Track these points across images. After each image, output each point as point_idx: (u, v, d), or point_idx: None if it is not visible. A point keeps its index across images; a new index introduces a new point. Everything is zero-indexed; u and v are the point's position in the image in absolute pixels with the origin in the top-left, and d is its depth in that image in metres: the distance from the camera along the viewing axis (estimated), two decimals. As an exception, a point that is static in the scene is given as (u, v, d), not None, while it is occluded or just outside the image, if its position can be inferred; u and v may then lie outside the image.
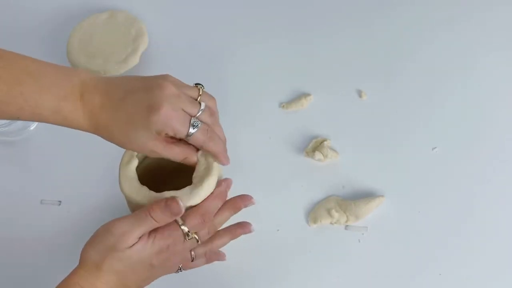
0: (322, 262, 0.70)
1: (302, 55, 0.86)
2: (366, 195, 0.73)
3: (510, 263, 0.69)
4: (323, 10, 0.91)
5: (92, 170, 0.78)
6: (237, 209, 0.63)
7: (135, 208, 0.60)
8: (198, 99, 0.59)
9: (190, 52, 0.87)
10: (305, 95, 0.81)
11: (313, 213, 0.73)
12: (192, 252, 0.61)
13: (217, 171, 0.61)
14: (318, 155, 0.75)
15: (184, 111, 0.57)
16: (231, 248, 0.71)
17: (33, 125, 0.82)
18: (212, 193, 0.59)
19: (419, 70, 0.83)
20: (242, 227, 0.65)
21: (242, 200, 0.63)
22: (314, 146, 0.77)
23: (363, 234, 0.71)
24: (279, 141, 0.78)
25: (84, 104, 0.57)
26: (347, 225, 0.72)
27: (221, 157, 0.60)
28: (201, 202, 0.58)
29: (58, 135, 0.81)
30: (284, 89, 0.83)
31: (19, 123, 0.77)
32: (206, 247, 0.63)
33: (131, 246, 0.55)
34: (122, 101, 0.56)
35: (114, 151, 0.65)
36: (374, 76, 0.83)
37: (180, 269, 0.63)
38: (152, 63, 0.86)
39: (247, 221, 0.67)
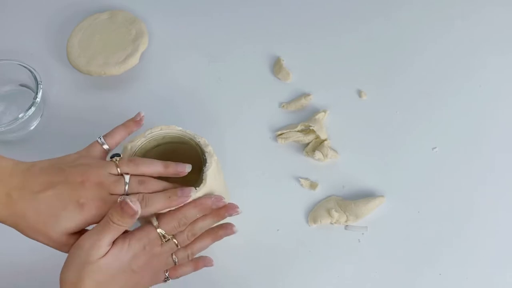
0: (322, 262, 0.70)
1: (302, 55, 0.86)
2: (366, 195, 0.73)
3: (510, 263, 0.69)
4: (323, 10, 0.91)
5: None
6: (220, 217, 0.61)
7: None
8: (119, 172, 0.58)
9: (190, 52, 0.87)
10: (305, 95, 0.81)
11: (313, 213, 0.73)
12: (174, 256, 0.60)
13: (208, 185, 0.60)
14: (318, 154, 0.75)
15: (112, 195, 0.56)
16: (231, 247, 0.71)
17: (33, 125, 0.82)
18: (193, 200, 0.59)
19: (419, 70, 0.83)
20: (224, 229, 0.63)
21: (226, 210, 0.61)
22: (314, 145, 0.77)
23: (363, 234, 0.71)
24: (279, 141, 0.78)
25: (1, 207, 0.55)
26: (347, 225, 0.72)
27: (168, 207, 0.58)
28: (179, 207, 0.58)
29: (58, 134, 0.81)
30: (284, 89, 0.83)
31: (20, 122, 0.77)
32: (187, 251, 0.61)
33: (104, 255, 0.54)
34: (42, 193, 0.55)
35: (116, 151, 0.65)
36: (374, 76, 0.83)
37: (167, 278, 0.62)
38: (152, 63, 0.86)
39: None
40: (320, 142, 0.77)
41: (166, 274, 0.62)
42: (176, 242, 0.58)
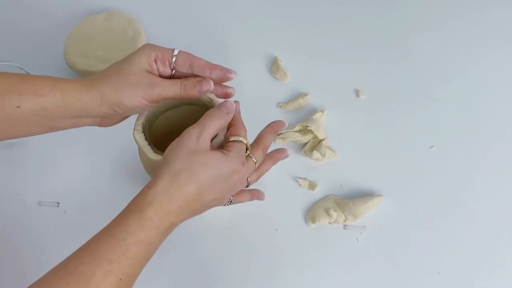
0: (320, 261, 0.70)
1: (299, 55, 0.86)
2: (364, 195, 0.73)
3: (508, 262, 0.69)
4: (321, 9, 0.91)
5: (90, 171, 0.78)
6: (275, 132, 0.65)
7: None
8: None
9: (187, 53, 0.87)
10: (302, 95, 0.82)
11: (312, 212, 0.73)
12: (249, 178, 0.62)
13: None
14: (316, 154, 0.75)
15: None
16: (230, 246, 0.71)
17: (31, 127, 0.82)
18: (267, 127, 0.64)
19: (416, 69, 0.84)
20: (281, 152, 0.67)
21: (278, 125, 0.66)
22: (312, 145, 0.77)
23: (361, 233, 0.72)
24: (277, 141, 0.78)
25: (80, 80, 0.60)
26: (345, 225, 0.72)
27: (215, 69, 0.62)
28: (261, 136, 0.63)
29: (56, 136, 0.81)
30: (281, 89, 0.83)
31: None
32: (258, 172, 0.64)
33: (211, 151, 0.56)
34: (112, 65, 0.61)
35: (113, 152, 0.65)
36: (371, 75, 0.83)
37: (230, 202, 0.64)
38: (150, 64, 0.86)
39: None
40: (318, 142, 0.77)
41: (231, 198, 0.64)
42: (255, 161, 0.61)
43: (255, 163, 0.61)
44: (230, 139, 0.59)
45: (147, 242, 0.53)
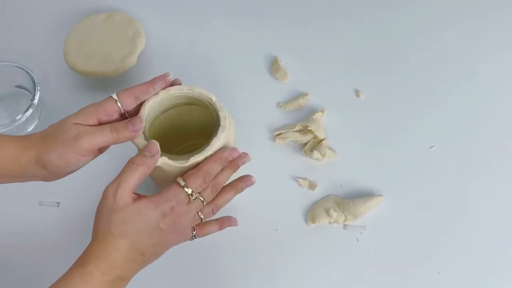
0: (320, 261, 0.70)
1: (299, 54, 0.86)
2: (364, 195, 0.73)
3: (508, 261, 0.69)
4: (320, 9, 0.91)
5: (90, 171, 0.77)
6: (235, 167, 0.63)
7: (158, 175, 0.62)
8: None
9: (187, 53, 0.87)
10: (302, 94, 0.82)
11: (312, 212, 0.73)
12: (200, 213, 0.61)
13: (224, 138, 0.62)
14: (316, 154, 0.75)
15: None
16: (230, 247, 0.71)
17: (31, 127, 0.81)
18: (211, 156, 0.61)
19: (416, 69, 0.84)
20: (244, 181, 0.65)
21: (240, 158, 0.64)
22: (312, 145, 0.77)
23: (361, 233, 0.72)
24: (277, 141, 0.78)
25: (19, 139, 0.60)
26: (345, 225, 0.72)
27: (155, 83, 0.63)
28: (200, 164, 0.60)
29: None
30: (281, 89, 0.83)
31: (17, 124, 0.77)
32: (211, 205, 0.63)
33: (131, 205, 0.56)
34: (51, 125, 0.61)
35: (112, 153, 0.65)
36: (371, 75, 0.83)
37: (194, 236, 0.64)
38: (150, 64, 0.86)
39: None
40: (318, 142, 0.77)
41: (194, 232, 0.63)
42: (202, 199, 0.60)
43: (203, 201, 0.60)
44: (176, 180, 0.59)
45: None
